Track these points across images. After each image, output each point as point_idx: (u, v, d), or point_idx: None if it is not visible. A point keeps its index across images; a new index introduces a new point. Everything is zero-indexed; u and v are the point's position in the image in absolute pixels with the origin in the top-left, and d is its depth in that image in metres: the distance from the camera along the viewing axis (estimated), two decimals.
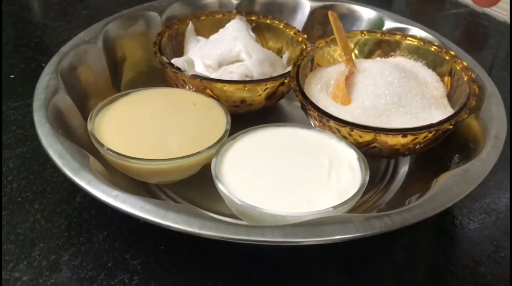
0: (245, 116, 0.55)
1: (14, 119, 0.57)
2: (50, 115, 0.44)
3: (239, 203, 0.39)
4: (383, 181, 0.51)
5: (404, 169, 0.52)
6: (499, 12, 0.84)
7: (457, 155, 0.46)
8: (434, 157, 0.49)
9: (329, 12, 0.55)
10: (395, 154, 0.48)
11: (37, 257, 0.42)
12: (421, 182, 0.48)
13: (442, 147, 0.48)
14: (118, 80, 0.58)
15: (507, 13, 0.83)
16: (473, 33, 0.84)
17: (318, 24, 0.67)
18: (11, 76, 0.65)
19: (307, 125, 0.48)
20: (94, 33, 0.57)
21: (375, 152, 0.47)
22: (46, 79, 0.48)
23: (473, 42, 0.82)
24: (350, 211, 0.41)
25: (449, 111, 0.49)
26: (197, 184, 0.48)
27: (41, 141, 0.42)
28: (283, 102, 0.61)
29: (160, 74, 0.57)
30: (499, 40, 0.81)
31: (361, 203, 0.48)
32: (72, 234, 0.44)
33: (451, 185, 0.38)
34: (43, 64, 0.67)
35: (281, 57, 0.61)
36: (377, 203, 0.48)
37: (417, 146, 0.46)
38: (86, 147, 0.45)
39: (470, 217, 0.47)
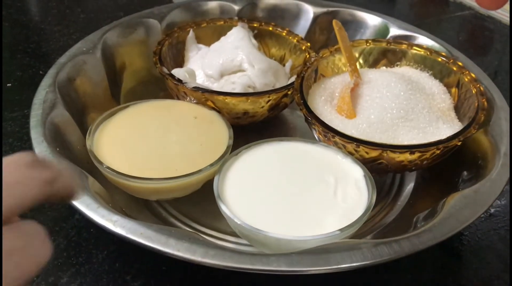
0: (248, 127, 0.54)
1: (11, 130, 0.56)
2: (48, 133, 0.43)
3: (243, 225, 0.38)
4: (389, 196, 0.50)
5: (410, 183, 0.50)
6: (505, 15, 0.83)
7: (465, 172, 0.45)
8: (442, 171, 0.48)
9: (334, 21, 0.53)
10: (402, 169, 0.46)
11: (35, 279, 0.41)
12: (429, 198, 0.47)
13: (450, 161, 0.47)
14: (117, 91, 0.57)
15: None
16: (478, 37, 0.83)
17: (321, 30, 0.66)
18: (8, 85, 0.63)
19: (311, 140, 0.47)
20: (92, 42, 0.55)
21: (382, 167, 0.46)
22: (43, 93, 0.47)
23: (478, 46, 0.81)
24: (357, 232, 0.40)
25: (457, 125, 0.48)
26: (198, 200, 0.46)
27: None
28: (286, 111, 0.59)
29: (160, 83, 0.56)
30: (504, 44, 0.79)
31: (368, 220, 0.47)
32: (71, 254, 0.43)
33: (461, 208, 0.37)
34: (41, 72, 0.66)
35: (284, 65, 0.60)
36: (384, 220, 0.47)
37: (425, 162, 0.45)
38: (85, 163, 0.44)
39: (479, 235, 0.46)
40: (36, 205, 0.22)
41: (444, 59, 0.53)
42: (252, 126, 0.55)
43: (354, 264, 0.33)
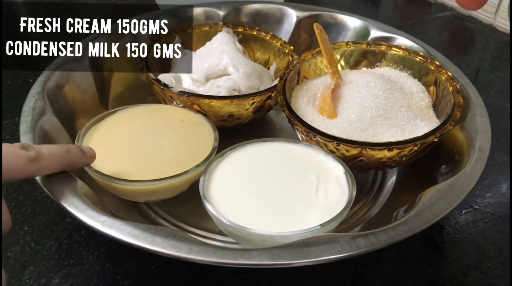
0: (234, 129, 0.56)
1: (3, 138, 0.57)
2: (37, 139, 0.44)
3: (227, 223, 0.39)
4: (371, 192, 0.51)
5: (392, 180, 0.52)
6: (485, 15, 0.85)
7: (443, 166, 0.47)
8: (421, 167, 0.49)
9: (315, 25, 0.55)
10: (382, 166, 0.48)
11: (27, 281, 0.42)
12: (409, 193, 0.48)
13: (429, 156, 0.48)
14: (105, 96, 0.58)
15: (492, 16, 0.83)
16: (459, 37, 0.85)
17: (305, 33, 0.67)
18: None
19: (294, 140, 0.49)
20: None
21: (362, 165, 0.48)
22: (32, 101, 0.48)
23: (459, 45, 0.83)
24: (339, 226, 0.42)
25: (435, 122, 0.50)
26: (186, 201, 0.48)
27: None
28: (271, 113, 0.61)
29: (148, 88, 0.57)
30: (485, 43, 0.81)
31: (351, 216, 0.48)
32: (62, 256, 0.44)
33: (436, 201, 0.39)
34: (31, 80, 0.67)
35: (269, 68, 0.61)
36: (366, 215, 0.48)
37: (403, 158, 0.47)
38: None
39: (457, 227, 0.48)
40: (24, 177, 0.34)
41: (422, 59, 0.54)
42: (238, 128, 0.56)
43: (333, 256, 0.34)
